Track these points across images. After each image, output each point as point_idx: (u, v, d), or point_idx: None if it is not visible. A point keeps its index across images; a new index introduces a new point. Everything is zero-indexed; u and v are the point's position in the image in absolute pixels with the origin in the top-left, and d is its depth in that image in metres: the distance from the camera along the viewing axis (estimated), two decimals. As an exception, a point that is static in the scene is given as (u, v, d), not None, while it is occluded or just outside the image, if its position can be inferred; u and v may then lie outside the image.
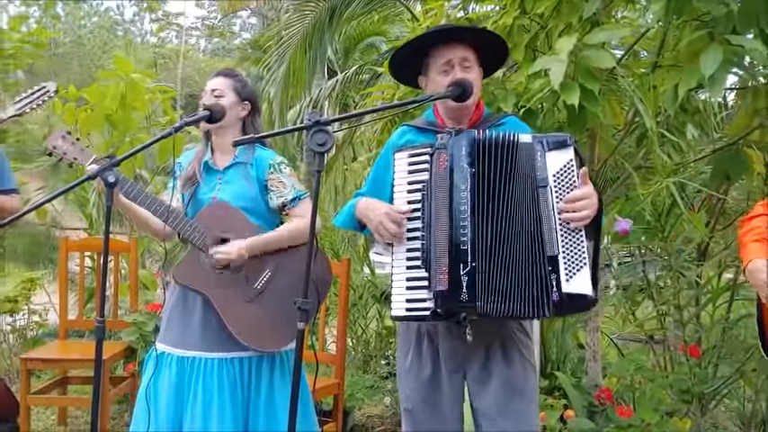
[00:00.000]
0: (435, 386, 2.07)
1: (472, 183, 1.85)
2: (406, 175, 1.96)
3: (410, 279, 1.89)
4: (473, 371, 2.05)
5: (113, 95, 4.70)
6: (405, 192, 1.95)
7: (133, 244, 4.01)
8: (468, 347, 2.00)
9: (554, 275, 1.79)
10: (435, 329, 2.07)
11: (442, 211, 1.86)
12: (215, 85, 2.49)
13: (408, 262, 1.91)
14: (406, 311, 1.89)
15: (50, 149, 2.38)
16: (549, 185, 1.83)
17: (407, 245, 1.92)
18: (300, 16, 6.66)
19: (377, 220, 1.95)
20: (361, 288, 4.93)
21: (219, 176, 2.49)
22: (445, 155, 1.89)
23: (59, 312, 3.92)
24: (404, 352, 2.14)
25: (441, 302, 1.83)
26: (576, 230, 1.81)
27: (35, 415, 3.97)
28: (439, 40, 2.08)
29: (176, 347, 2.40)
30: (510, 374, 2.02)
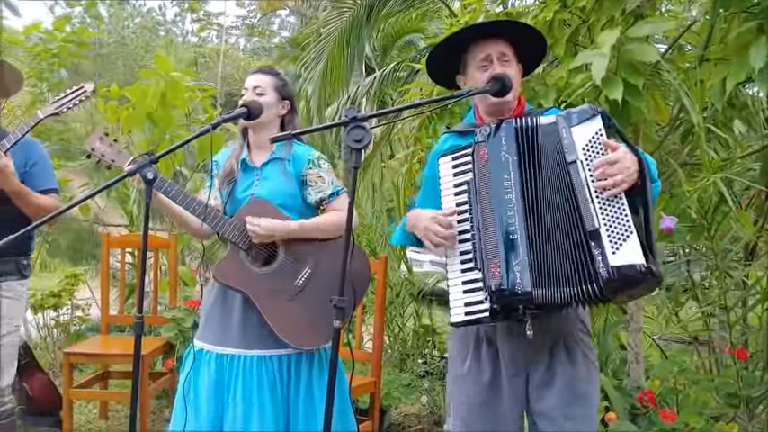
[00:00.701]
0: (495, 390, 2.01)
1: (515, 172, 1.82)
2: (451, 178, 1.94)
3: (466, 282, 1.86)
4: (537, 374, 1.97)
5: (154, 94, 4.76)
6: (451, 195, 1.93)
7: (173, 241, 4.05)
8: (530, 349, 1.94)
9: (598, 250, 1.70)
10: (494, 332, 2.00)
11: (489, 205, 1.83)
12: (257, 83, 2.49)
13: (462, 265, 1.88)
14: (465, 316, 1.85)
15: (89, 152, 2.41)
16: (579, 159, 1.78)
17: (459, 248, 1.89)
18: (338, 14, 6.67)
19: (423, 227, 1.93)
20: (398, 286, 4.91)
21: (257, 173, 2.49)
22: (485, 148, 1.87)
23: (101, 308, 3.99)
24: (461, 357, 2.07)
25: (496, 297, 1.78)
26: (614, 199, 1.72)
27: (77, 408, 4.05)
28: (477, 35, 2.05)
29: (215, 345, 2.41)
30: (574, 375, 1.95)
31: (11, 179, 2.70)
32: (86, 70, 23.53)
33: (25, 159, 2.85)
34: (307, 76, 7.06)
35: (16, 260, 2.89)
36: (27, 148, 2.86)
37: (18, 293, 2.91)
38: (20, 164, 2.81)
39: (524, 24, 2.16)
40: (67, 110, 2.78)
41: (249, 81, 2.51)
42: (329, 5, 7.46)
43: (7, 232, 2.06)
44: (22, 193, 2.75)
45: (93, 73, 22.33)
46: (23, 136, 2.71)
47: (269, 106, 2.48)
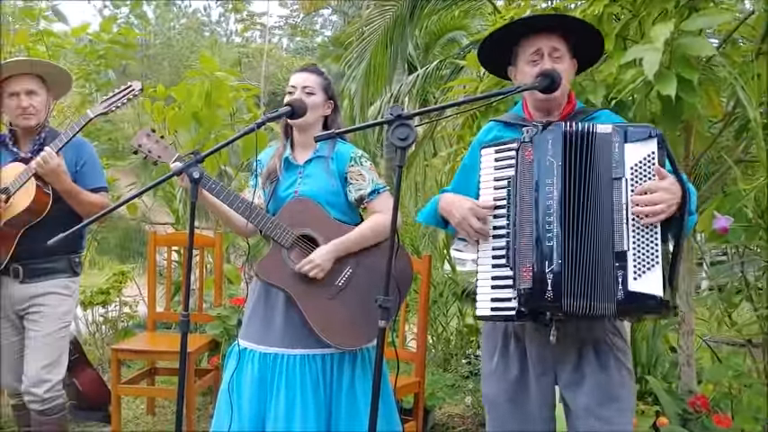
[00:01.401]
0: (522, 387, 2.00)
1: (558, 177, 1.79)
2: (492, 171, 1.92)
3: (495, 278, 1.86)
4: (565, 374, 1.96)
5: (199, 94, 4.82)
6: (491, 188, 1.91)
7: (218, 239, 4.09)
8: (558, 350, 1.92)
9: (621, 272, 1.72)
10: (523, 329, 1.99)
11: (528, 207, 1.81)
12: (306, 82, 2.48)
13: (494, 260, 1.87)
14: (491, 311, 1.85)
15: (136, 147, 2.43)
16: (625, 178, 1.75)
17: (493, 243, 1.88)
18: (381, 12, 6.65)
19: (460, 216, 1.91)
20: (441, 285, 4.88)
21: (300, 171, 2.49)
22: (531, 149, 1.84)
23: (148, 305, 4.05)
24: (489, 353, 2.08)
25: (525, 301, 1.79)
26: (649, 227, 1.72)
27: (125, 404, 4.12)
28: (528, 29, 2.00)
29: (258, 344, 2.41)
30: (604, 379, 1.92)
31: (63, 178, 2.75)
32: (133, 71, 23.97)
33: (76, 159, 2.91)
34: (350, 74, 7.05)
35: (68, 258, 2.94)
36: (77, 148, 2.92)
37: (70, 290, 2.97)
38: (71, 163, 2.87)
39: (577, 19, 2.10)
40: (116, 108, 2.82)
41: (297, 79, 2.49)
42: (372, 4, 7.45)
43: (58, 230, 2.10)
44: (73, 191, 2.80)
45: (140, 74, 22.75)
46: (74, 135, 2.77)
47: (317, 106, 2.48)
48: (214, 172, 5.14)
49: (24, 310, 2.88)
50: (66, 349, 2.96)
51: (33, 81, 2.85)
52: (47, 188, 2.76)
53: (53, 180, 2.74)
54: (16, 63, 2.87)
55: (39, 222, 2.76)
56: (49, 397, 2.83)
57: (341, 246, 2.37)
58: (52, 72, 2.95)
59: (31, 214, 2.74)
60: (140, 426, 3.99)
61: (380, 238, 2.41)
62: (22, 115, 2.83)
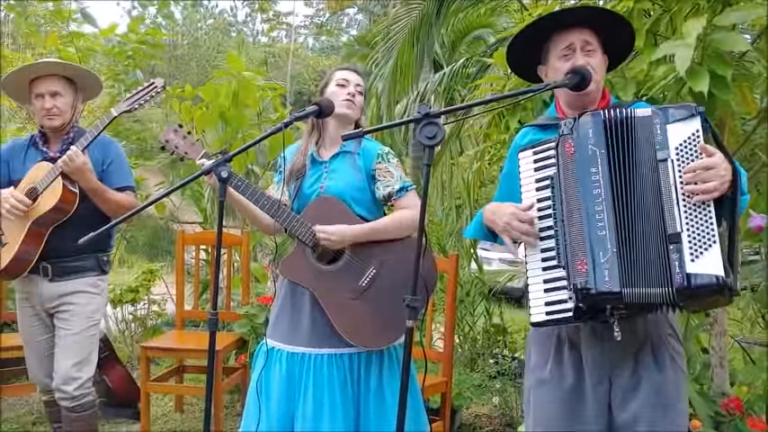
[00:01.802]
0: (579, 396, 1.92)
1: (603, 165, 1.74)
2: (532, 173, 1.88)
3: (548, 281, 1.79)
4: (621, 379, 1.89)
5: (226, 93, 4.85)
6: (533, 191, 1.87)
7: (245, 238, 4.11)
8: (615, 354, 1.86)
9: (676, 255, 1.64)
10: (578, 335, 1.92)
11: (575, 199, 1.76)
12: (360, 81, 2.50)
13: (544, 263, 1.81)
14: (546, 316, 1.78)
15: (163, 143, 2.44)
16: (670, 158, 1.70)
17: (541, 245, 1.83)
18: (408, 10, 6.63)
19: (503, 222, 1.87)
20: (468, 284, 4.85)
21: (325, 166, 2.48)
22: (571, 141, 1.79)
23: (176, 303, 4.08)
24: (542, 360, 1.99)
25: (582, 296, 1.70)
26: (701, 206, 1.65)
27: (154, 401, 4.15)
28: (559, 23, 1.97)
29: (286, 343, 2.41)
30: (661, 382, 1.86)
31: (88, 177, 2.78)
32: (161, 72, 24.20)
33: (102, 157, 2.93)
34: (377, 73, 7.05)
35: (96, 256, 2.97)
36: (104, 147, 2.95)
37: (99, 289, 3.00)
38: (97, 162, 2.90)
39: (609, 11, 2.05)
40: (139, 106, 2.84)
41: (350, 76, 2.50)
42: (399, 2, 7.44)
43: (86, 229, 2.12)
44: (99, 190, 2.83)
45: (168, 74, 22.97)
46: (99, 134, 2.79)
47: (361, 105, 2.50)
48: (241, 171, 5.17)
49: (54, 308, 2.91)
50: (95, 347, 2.99)
51: (59, 83, 2.89)
52: (73, 187, 2.79)
53: (79, 178, 2.76)
54: (45, 65, 2.91)
55: (67, 221, 2.79)
56: (79, 394, 2.86)
57: (363, 231, 2.36)
58: (81, 75, 2.98)
59: (58, 213, 2.77)
60: (169, 423, 4.02)
61: (404, 232, 2.40)
62: (46, 116, 2.87)
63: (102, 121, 2.82)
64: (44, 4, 4.79)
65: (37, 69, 2.87)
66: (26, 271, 2.83)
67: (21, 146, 3.01)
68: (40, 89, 2.86)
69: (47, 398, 3.10)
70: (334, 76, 2.52)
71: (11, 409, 4.13)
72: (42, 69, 2.87)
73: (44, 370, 2.99)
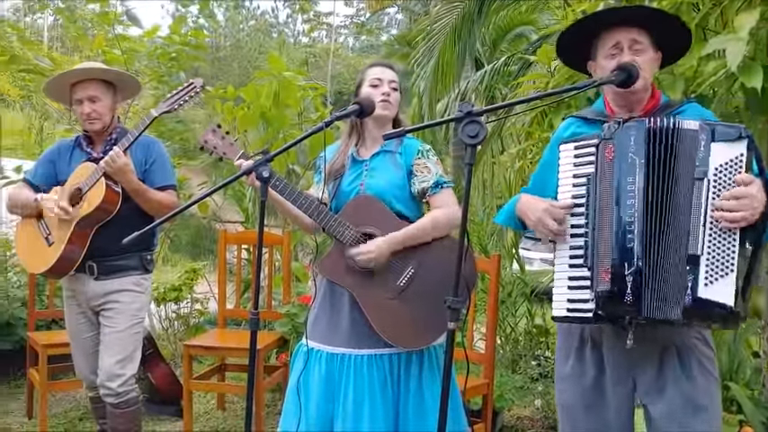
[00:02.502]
0: (598, 393, 1.93)
1: (640, 176, 1.72)
2: (571, 168, 1.85)
3: (572, 278, 1.80)
4: (645, 381, 1.87)
5: (267, 94, 4.89)
6: (570, 186, 1.85)
7: (286, 237, 4.12)
8: (637, 355, 1.84)
9: (691, 276, 1.65)
10: (600, 333, 1.92)
11: (608, 206, 1.75)
12: (393, 77, 2.47)
13: (571, 260, 1.81)
14: (567, 312, 1.80)
15: (202, 144, 2.46)
16: (708, 178, 1.67)
17: (570, 242, 1.82)
18: (449, 9, 6.60)
19: (536, 217, 1.86)
20: (509, 285, 4.79)
21: (366, 164, 2.47)
22: (612, 146, 1.76)
23: (218, 302, 4.11)
24: (564, 355, 2.01)
25: (602, 304, 1.73)
26: (727, 232, 1.64)
27: (196, 399, 4.20)
28: (606, 23, 1.92)
29: (325, 344, 2.40)
30: (688, 387, 1.83)
31: (130, 177, 2.81)
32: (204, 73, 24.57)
33: (145, 157, 2.97)
34: (419, 72, 7.03)
35: (140, 255, 3.01)
36: (146, 147, 2.99)
37: (143, 287, 3.04)
38: (140, 162, 2.94)
39: (657, 10, 2.00)
40: (179, 107, 2.86)
41: (383, 74, 2.46)
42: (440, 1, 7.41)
43: (129, 228, 2.14)
44: (140, 190, 2.86)
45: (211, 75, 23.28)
46: (140, 134, 2.83)
47: (398, 102, 2.47)
48: (282, 171, 5.20)
49: (99, 306, 2.96)
50: (139, 345, 3.03)
51: (97, 87, 2.92)
52: (116, 187, 2.82)
53: (121, 179, 2.80)
54: (83, 71, 2.95)
55: (110, 220, 2.83)
56: (123, 391, 2.90)
57: (399, 239, 2.33)
58: (120, 78, 3.02)
59: (102, 213, 2.81)
60: (211, 421, 4.06)
61: (439, 233, 2.37)
62: (87, 120, 2.92)
63: (142, 121, 2.86)
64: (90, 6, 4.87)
65: (75, 75, 2.92)
66: (72, 270, 2.88)
67: (66, 147, 3.07)
68: (79, 95, 2.91)
69: (92, 394, 3.15)
70: (367, 75, 2.49)
71: (59, 404, 4.22)
72: (80, 75, 2.92)
73: (89, 367, 3.04)
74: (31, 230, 2.98)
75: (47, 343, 3.74)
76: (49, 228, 2.92)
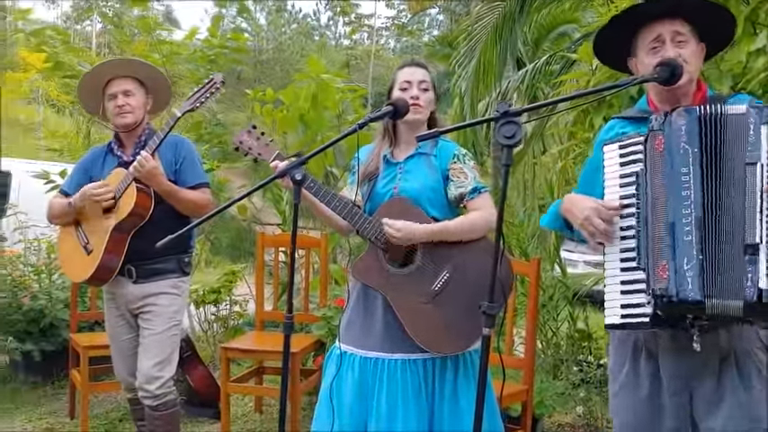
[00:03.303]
0: (655, 407, 1.84)
1: (695, 165, 1.63)
2: (617, 168, 1.78)
3: (625, 282, 1.71)
4: (703, 390, 1.78)
5: (306, 96, 4.89)
6: (616, 186, 1.77)
7: (323, 239, 4.10)
8: (695, 364, 1.75)
9: (751, 266, 1.55)
10: (655, 342, 1.83)
11: (661, 199, 1.66)
12: (423, 77, 2.41)
13: (623, 264, 1.72)
14: (621, 318, 1.70)
15: (237, 144, 2.44)
16: (761, 162, 1.58)
17: (621, 244, 1.74)
18: (491, 8, 6.54)
19: (583, 216, 1.78)
20: (551, 288, 4.68)
21: (400, 167, 2.42)
22: (662, 137, 1.68)
23: (256, 305, 4.11)
24: (618, 365, 1.93)
25: (662, 303, 1.62)
26: None
27: (234, 401, 4.20)
28: (646, 16, 1.85)
29: (358, 347, 2.36)
30: (747, 399, 1.73)
31: (160, 180, 2.82)
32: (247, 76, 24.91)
33: (174, 157, 2.97)
34: (460, 73, 6.99)
35: (177, 258, 3.01)
36: (175, 146, 2.99)
37: (180, 290, 3.04)
38: (169, 162, 2.94)
39: (704, 1, 1.88)
40: (200, 104, 2.85)
41: (411, 75, 2.41)
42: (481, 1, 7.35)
43: (165, 231, 2.14)
44: (172, 191, 2.86)
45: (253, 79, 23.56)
46: (166, 136, 2.82)
47: (432, 102, 2.42)
48: (320, 173, 5.19)
49: (138, 309, 2.97)
50: (176, 347, 3.03)
51: (130, 82, 2.95)
52: (148, 190, 2.83)
53: (151, 182, 2.81)
54: (119, 63, 2.99)
55: (146, 224, 2.84)
56: (161, 393, 2.90)
57: (431, 230, 2.28)
58: (151, 75, 3.03)
59: (136, 217, 2.82)
60: (248, 423, 4.06)
61: (475, 234, 2.31)
62: (119, 114, 2.93)
63: (167, 122, 2.86)
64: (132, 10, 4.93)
65: (106, 70, 2.95)
66: (112, 277, 2.90)
67: (99, 153, 3.10)
68: (113, 89, 2.93)
69: (131, 396, 3.17)
70: (397, 77, 2.44)
71: (100, 405, 4.27)
72: (110, 70, 2.95)
73: (128, 369, 3.05)
74: (70, 239, 3.01)
75: (88, 344, 3.79)
76: (87, 236, 2.95)
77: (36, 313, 4.43)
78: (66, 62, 4.80)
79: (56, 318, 4.44)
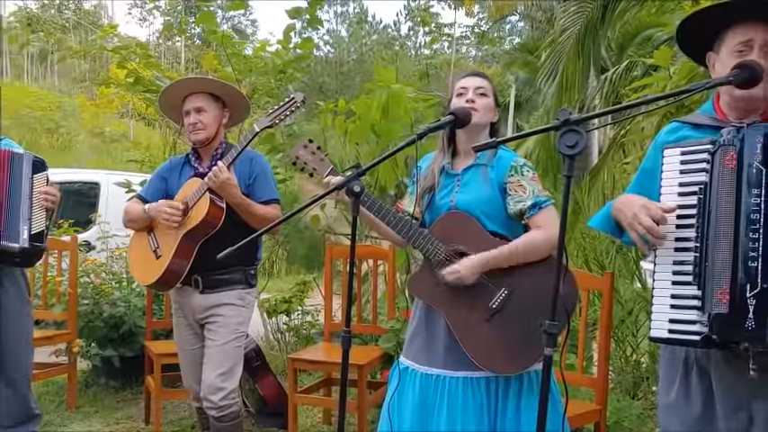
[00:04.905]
0: (707, 426, 1.72)
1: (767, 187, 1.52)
2: (676, 174, 1.68)
3: (676, 296, 1.63)
4: (762, 411, 1.65)
5: (377, 106, 4.86)
6: (674, 194, 1.68)
7: (391, 251, 4.05)
8: (754, 383, 1.62)
9: None
10: (708, 359, 1.72)
11: (727, 219, 1.56)
12: (480, 83, 2.35)
13: (675, 276, 1.64)
14: (668, 333, 1.63)
15: (293, 159, 2.45)
16: None
17: (675, 255, 1.65)
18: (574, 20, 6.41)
19: (633, 213, 1.69)
20: (630, 302, 4.48)
21: (458, 178, 2.36)
22: (734, 152, 1.57)
23: (324, 316, 4.10)
24: (667, 382, 1.83)
25: (718, 328, 1.55)
26: None
27: (303, 411, 4.20)
28: (746, 13, 1.72)
29: (420, 363, 2.31)
30: None
31: (233, 191, 2.84)
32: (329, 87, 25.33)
33: (249, 172, 3.01)
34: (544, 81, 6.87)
35: (243, 269, 3.04)
36: (250, 162, 3.02)
37: (245, 301, 3.07)
38: (244, 176, 2.97)
39: None
40: (279, 121, 2.87)
41: (468, 82, 2.35)
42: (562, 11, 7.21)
43: (231, 244, 2.15)
44: (244, 204, 2.89)
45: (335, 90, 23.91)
46: (243, 149, 2.86)
47: (490, 108, 2.35)
48: (392, 183, 5.16)
49: (204, 319, 3.01)
50: (240, 359, 3.06)
51: (202, 99, 3.00)
52: (220, 202, 2.87)
53: (224, 193, 2.84)
54: (190, 81, 3.06)
55: (215, 235, 2.88)
56: (224, 404, 2.92)
57: (489, 259, 2.20)
58: (225, 92, 3.08)
59: (207, 227, 2.86)
60: (317, 435, 4.05)
61: (534, 256, 2.21)
62: (192, 131, 3.00)
63: (245, 136, 2.88)
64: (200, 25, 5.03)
65: (185, 85, 3.02)
66: (178, 282, 2.95)
67: (177, 163, 3.17)
68: (186, 106, 3.00)
69: (197, 404, 3.21)
70: (455, 87, 2.38)
71: (174, 411, 4.36)
72: (191, 86, 3.02)
73: (195, 378, 3.09)
74: (142, 243, 3.09)
75: (162, 352, 3.87)
76: (158, 241, 3.01)
77: (116, 320, 4.56)
78: (146, 77, 4.96)
79: (134, 325, 4.57)
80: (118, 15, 50.13)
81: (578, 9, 6.45)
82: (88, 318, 4.55)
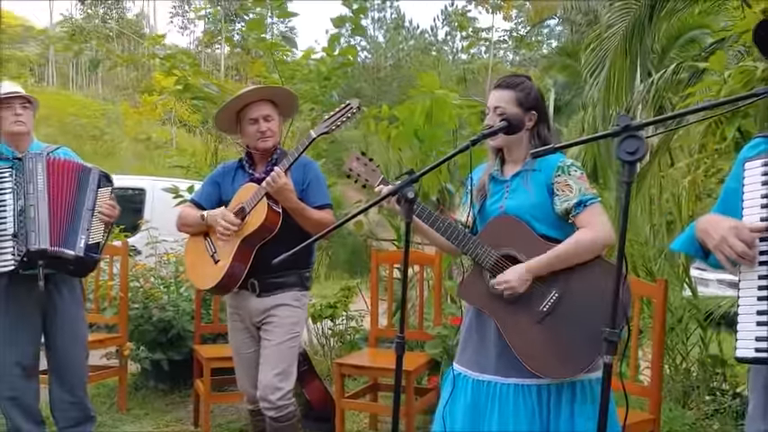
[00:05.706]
0: None
1: None
2: (759, 187, 1.63)
3: (762, 312, 1.56)
4: None
5: (421, 112, 4.88)
6: (757, 207, 1.63)
7: (437, 256, 4.05)
8: None
9: None
10: None
11: None
12: (499, 102, 2.34)
13: (760, 291, 1.58)
14: (755, 352, 1.56)
15: (348, 172, 2.50)
16: None
17: (760, 270, 1.59)
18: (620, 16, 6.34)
19: (720, 236, 1.63)
20: (680, 310, 4.40)
21: (507, 184, 2.37)
22: None
23: (370, 321, 4.12)
24: (759, 410, 1.77)
25: None
26: None
27: (350, 417, 4.21)
28: None
29: (472, 369, 2.32)
30: None
31: (290, 196, 2.89)
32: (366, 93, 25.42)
33: (303, 178, 3.05)
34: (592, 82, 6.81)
35: (299, 273, 3.08)
36: (304, 167, 3.07)
37: (300, 303, 3.11)
38: (298, 182, 3.01)
39: None
40: (336, 128, 2.90)
41: (492, 99, 2.37)
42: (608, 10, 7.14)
43: (287, 248, 2.20)
44: (299, 209, 2.93)
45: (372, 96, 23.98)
46: (300, 155, 2.89)
47: None
48: (434, 189, 5.17)
49: (260, 321, 3.06)
50: (295, 360, 3.09)
51: (268, 107, 3.06)
52: (277, 206, 2.91)
53: (281, 198, 2.88)
54: (261, 90, 3.12)
55: (271, 239, 2.92)
56: (282, 405, 2.96)
57: (539, 265, 2.20)
58: (282, 95, 3.16)
59: (264, 231, 2.90)
60: (363, 440, 4.06)
61: (584, 257, 2.19)
62: (261, 139, 3.04)
63: (302, 142, 2.92)
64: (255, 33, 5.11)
65: (247, 97, 3.06)
66: (236, 287, 3.00)
67: (230, 168, 3.22)
68: (253, 114, 3.04)
69: (252, 407, 3.24)
70: None
71: (223, 414, 4.42)
72: (250, 96, 3.06)
73: (250, 380, 3.13)
74: (198, 248, 3.14)
75: (210, 356, 3.93)
76: (214, 246, 3.06)
77: (165, 324, 4.64)
78: (195, 84, 5.05)
79: (183, 329, 4.64)
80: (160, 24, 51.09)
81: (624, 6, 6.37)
82: (138, 322, 4.63)
